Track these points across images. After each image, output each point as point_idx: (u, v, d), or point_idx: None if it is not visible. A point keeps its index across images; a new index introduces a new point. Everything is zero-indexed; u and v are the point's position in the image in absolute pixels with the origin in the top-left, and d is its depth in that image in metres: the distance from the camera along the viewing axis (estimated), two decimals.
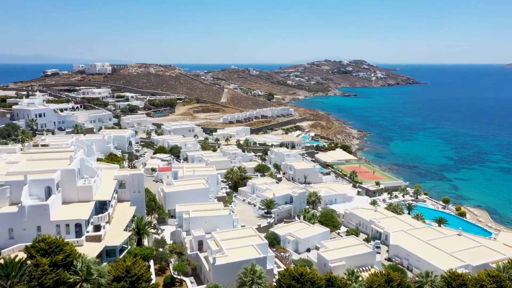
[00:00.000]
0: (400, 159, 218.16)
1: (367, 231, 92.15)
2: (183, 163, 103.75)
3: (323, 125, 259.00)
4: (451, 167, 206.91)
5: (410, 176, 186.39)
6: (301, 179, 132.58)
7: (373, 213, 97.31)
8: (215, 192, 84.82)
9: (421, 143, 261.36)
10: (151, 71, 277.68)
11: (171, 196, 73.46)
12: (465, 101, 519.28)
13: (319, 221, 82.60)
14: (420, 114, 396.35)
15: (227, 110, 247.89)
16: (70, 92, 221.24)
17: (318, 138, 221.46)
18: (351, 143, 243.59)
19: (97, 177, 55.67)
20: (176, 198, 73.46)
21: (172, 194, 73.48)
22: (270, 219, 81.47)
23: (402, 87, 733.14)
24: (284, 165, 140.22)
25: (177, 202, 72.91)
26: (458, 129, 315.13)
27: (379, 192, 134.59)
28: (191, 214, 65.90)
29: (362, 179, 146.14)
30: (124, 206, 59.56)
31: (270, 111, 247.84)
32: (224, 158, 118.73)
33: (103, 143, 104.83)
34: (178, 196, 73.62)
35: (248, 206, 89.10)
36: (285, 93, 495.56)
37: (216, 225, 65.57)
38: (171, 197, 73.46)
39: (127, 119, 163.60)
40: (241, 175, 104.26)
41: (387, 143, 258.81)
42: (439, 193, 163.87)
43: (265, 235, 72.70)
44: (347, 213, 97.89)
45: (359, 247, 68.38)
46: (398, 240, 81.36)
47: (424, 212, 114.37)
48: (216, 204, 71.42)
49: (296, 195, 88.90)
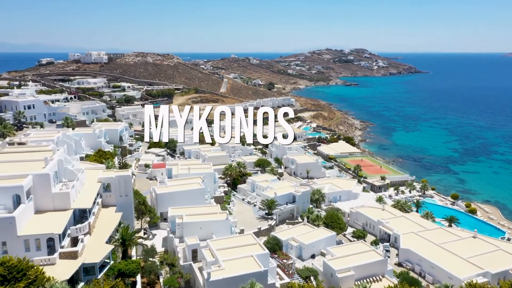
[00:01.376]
0: (404, 151, 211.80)
1: (375, 232, 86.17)
2: (178, 160, 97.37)
3: (325, 115, 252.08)
4: (457, 159, 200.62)
5: (415, 169, 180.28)
6: (303, 173, 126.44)
7: (380, 212, 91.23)
8: (212, 191, 78.58)
9: (425, 134, 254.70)
10: (149, 60, 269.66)
11: (163, 197, 67.19)
12: (468, 91, 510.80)
13: (323, 223, 76.51)
14: (423, 104, 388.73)
15: (227, 100, 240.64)
16: (65, 82, 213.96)
17: (320, 130, 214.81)
18: (353, 135, 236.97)
19: (77, 181, 49.22)
20: (169, 200, 67.19)
21: (164, 195, 67.19)
22: (271, 221, 75.34)
23: (404, 76, 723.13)
24: (285, 159, 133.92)
25: (170, 204, 66.64)
26: (462, 120, 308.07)
27: (385, 188, 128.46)
28: (184, 219, 59.67)
29: (367, 173, 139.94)
30: (109, 212, 53.27)
31: (270, 101, 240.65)
32: (223, 153, 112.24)
33: (93, 138, 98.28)
34: (171, 198, 67.36)
35: (248, 206, 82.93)
36: (286, 83, 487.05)
37: (212, 231, 59.42)
38: (163, 198, 67.20)
39: (122, 111, 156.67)
40: (240, 171, 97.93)
41: (391, 134, 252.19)
42: (445, 187, 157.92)
43: (266, 240, 66.66)
44: (353, 213, 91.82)
45: (368, 254, 62.28)
46: (409, 243, 75.32)
47: (433, 209, 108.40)
48: (212, 207, 65.16)
49: (299, 194, 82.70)
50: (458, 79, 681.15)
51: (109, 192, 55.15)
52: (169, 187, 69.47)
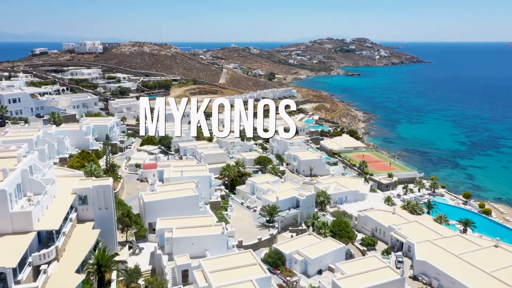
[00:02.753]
0: (409, 144, 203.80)
1: (385, 239, 78.72)
2: (171, 161, 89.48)
3: (328, 107, 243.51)
4: (464, 153, 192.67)
5: (421, 164, 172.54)
6: (306, 171, 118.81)
7: (391, 217, 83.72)
8: (208, 196, 70.92)
9: (430, 127, 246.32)
10: (145, 50, 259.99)
11: (151, 206, 59.52)
12: (472, 80, 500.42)
13: (330, 231, 68.99)
14: (427, 95, 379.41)
15: (226, 91, 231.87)
16: (58, 73, 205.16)
17: (322, 122, 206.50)
18: (357, 127, 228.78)
19: (44, 195, 41.49)
20: (158, 209, 59.58)
21: (153, 204, 59.48)
22: (272, 230, 67.81)
23: (406, 66, 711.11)
24: (287, 155, 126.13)
25: (159, 214, 59.09)
26: (467, 111, 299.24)
27: (393, 186, 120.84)
28: (174, 233, 52.07)
29: (373, 170, 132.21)
30: (85, 229, 45.65)
31: (271, 92, 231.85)
32: (220, 150, 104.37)
33: (80, 135, 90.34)
34: (161, 207, 59.72)
35: (247, 211, 75.34)
36: (287, 73, 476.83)
37: (206, 247, 51.92)
38: (151, 207, 59.55)
39: (115, 104, 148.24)
40: (239, 171, 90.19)
41: (395, 127, 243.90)
42: (454, 183, 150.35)
43: (268, 254, 59.25)
44: (361, 217, 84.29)
45: (383, 272, 54.80)
46: (425, 253, 67.86)
47: (444, 209, 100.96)
48: (206, 218, 57.56)
49: (303, 199, 75.04)
50: (461, 69, 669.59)
51: (85, 205, 47.46)
52: (158, 194, 61.73)
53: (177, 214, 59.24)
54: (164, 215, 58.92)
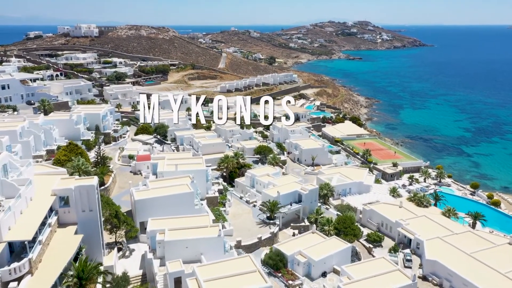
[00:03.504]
0: (413, 130, 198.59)
1: (392, 234, 74.42)
2: (165, 153, 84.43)
3: (329, 92, 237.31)
4: (469, 140, 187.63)
5: (426, 151, 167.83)
6: (308, 160, 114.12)
7: (398, 211, 79.26)
8: (204, 191, 66.23)
9: (434, 112, 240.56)
10: (142, 33, 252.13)
11: (143, 205, 54.85)
12: (474, 64, 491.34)
13: (335, 229, 64.58)
14: (430, 79, 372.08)
15: (225, 77, 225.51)
16: (52, 58, 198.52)
17: (324, 108, 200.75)
18: (359, 113, 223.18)
19: (17, 199, 36.77)
20: (150, 208, 54.96)
21: (144, 202, 54.79)
22: (273, 227, 63.38)
23: (408, 49, 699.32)
24: (288, 144, 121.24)
25: (151, 212, 54.55)
26: (471, 96, 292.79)
27: (397, 175, 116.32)
28: (167, 236, 47.55)
29: (377, 159, 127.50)
30: (67, 235, 41.10)
31: (272, 77, 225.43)
32: (219, 140, 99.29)
33: (70, 125, 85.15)
34: (153, 205, 55.08)
35: (246, 206, 70.81)
36: (287, 57, 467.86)
37: (201, 251, 47.48)
38: (143, 206, 54.89)
39: (110, 90, 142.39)
40: (238, 163, 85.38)
41: (398, 112, 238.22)
42: (460, 172, 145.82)
43: (268, 255, 54.93)
44: (366, 210, 79.83)
45: (394, 276, 50.52)
46: (435, 252, 63.62)
47: (451, 201, 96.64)
48: (202, 218, 52.98)
49: (306, 193, 70.40)
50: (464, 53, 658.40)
51: (67, 207, 42.78)
52: (150, 190, 56.99)
53: (170, 213, 54.74)
54: (156, 214, 54.40)
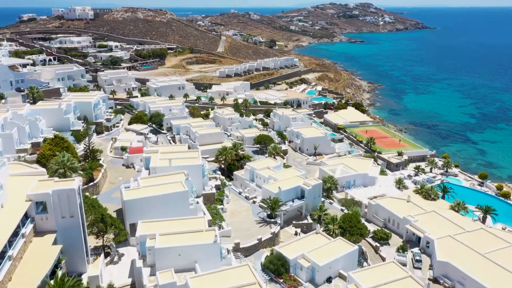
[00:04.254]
0: (416, 116, 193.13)
1: (400, 231, 70.19)
2: (158, 145, 79.23)
3: (331, 77, 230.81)
4: (474, 126, 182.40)
5: (430, 138, 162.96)
6: (310, 149, 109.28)
7: (405, 206, 74.81)
8: (200, 188, 61.60)
9: (438, 97, 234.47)
10: (139, 16, 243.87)
11: (133, 205, 50.26)
12: (478, 48, 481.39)
13: (340, 228, 60.22)
14: (433, 63, 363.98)
15: (224, 61, 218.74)
16: (46, 41, 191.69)
17: (325, 93, 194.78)
18: (361, 98, 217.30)
19: None
20: (140, 208, 50.40)
21: (135, 202, 50.18)
22: (274, 227, 58.99)
23: (411, 32, 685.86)
24: (289, 132, 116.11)
25: (141, 213, 50.06)
26: (475, 80, 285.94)
27: (403, 165, 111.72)
28: (157, 243, 43.12)
29: (381, 147, 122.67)
30: (43, 245, 36.60)
31: (272, 62, 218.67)
32: (217, 129, 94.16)
33: (59, 114, 79.90)
34: (144, 205, 50.48)
35: (245, 203, 66.31)
36: (288, 40, 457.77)
37: (196, 258, 43.15)
38: (133, 206, 50.30)
39: (104, 76, 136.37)
40: (237, 155, 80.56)
41: (401, 97, 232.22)
42: (465, 160, 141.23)
43: (269, 259, 50.63)
44: (372, 205, 75.43)
45: (405, 283, 46.31)
46: (447, 252, 59.41)
47: (459, 192, 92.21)
48: (196, 221, 48.41)
49: (309, 189, 65.80)
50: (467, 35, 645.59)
51: (45, 214, 38.16)
52: (141, 189, 52.28)
53: (163, 214, 50.28)
54: (147, 215, 49.93)
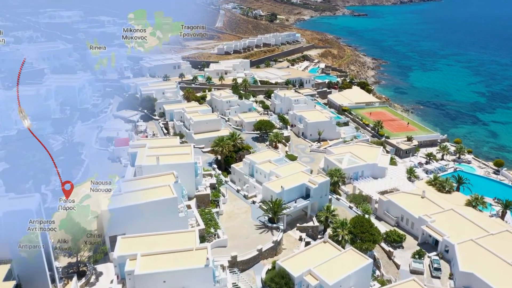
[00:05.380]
0: (423, 95, 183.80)
1: (414, 232, 63.33)
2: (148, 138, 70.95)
3: (334, 53, 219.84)
4: (484, 106, 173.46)
5: (438, 119, 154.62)
6: (314, 135, 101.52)
7: (420, 202, 67.73)
8: (193, 189, 54.10)
9: (445, 74, 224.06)
10: None
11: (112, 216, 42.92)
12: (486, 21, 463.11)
13: (350, 233, 53.18)
14: (439, 38, 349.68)
15: (223, 37, 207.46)
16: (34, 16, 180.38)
17: (329, 71, 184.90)
18: (366, 76, 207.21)
19: None
20: (121, 219, 43.03)
21: (114, 213, 42.87)
22: (277, 234, 51.92)
23: (415, 4, 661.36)
24: (292, 115, 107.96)
25: (123, 224, 42.90)
26: (484, 56, 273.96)
27: (413, 151, 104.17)
28: (138, 266, 35.99)
29: (389, 132, 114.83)
30: None
31: (273, 37, 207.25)
32: (213, 116, 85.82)
33: (37, 101, 71.79)
34: (125, 215, 43.05)
35: (244, 203, 58.99)
36: (289, 13, 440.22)
37: (184, 284, 36.15)
38: (113, 218, 42.96)
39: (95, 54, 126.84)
40: (235, 145, 72.77)
41: (407, 75, 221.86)
42: (476, 143, 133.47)
43: (270, 277, 43.73)
44: (383, 201, 68.34)
45: None
46: (470, 261, 52.58)
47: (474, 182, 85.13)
48: (186, 236, 41.11)
49: (315, 187, 58.32)
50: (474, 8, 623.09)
51: None
52: (123, 196, 44.76)
53: (148, 224, 43.13)
54: (130, 226, 42.82)
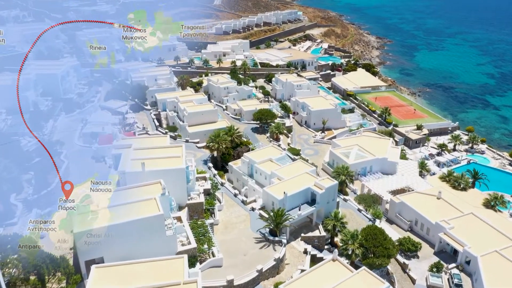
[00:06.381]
0: (430, 77, 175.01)
1: (430, 239, 57.09)
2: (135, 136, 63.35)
3: (338, 33, 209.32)
4: (494, 88, 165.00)
5: (447, 103, 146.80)
6: (318, 124, 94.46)
7: (436, 204, 61.25)
8: (184, 197, 47.34)
9: (452, 54, 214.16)
10: None
11: (87, 239, 36.38)
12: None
13: (360, 245, 46.83)
14: (445, 15, 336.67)
15: (222, 15, 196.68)
16: None
17: (332, 51, 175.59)
18: (371, 56, 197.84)
19: None
20: (98, 242, 36.50)
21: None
22: (279, 250, 45.54)
23: None
24: (294, 102, 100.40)
25: (100, 248, 36.41)
26: (492, 35, 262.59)
27: (423, 141, 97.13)
28: None
29: (397, 119, 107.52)
30: None
31: (274, 16, 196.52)
32: (209, 106, 78.12)
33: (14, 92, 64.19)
34: (102, 238, 36.58)
35: (243, 210, 52.39)
36: None
37: None
38: (87, 240, 36.41)
39: (83, 36, 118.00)
40: (233, 140, 65.67)
41: (412, 55, 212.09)
42: (487, 129, 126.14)
43: None
44: (395, 203, 61.85)
45: None
46: (496, 278, 46.55)
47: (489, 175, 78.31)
48: (173, 264, 34.71)
49: (322, 192, 51.59)
50: None
51: None
52: (100, 212, 38.09)
53: (130, 246, 36.73)
54: (108, 250, 36.49)
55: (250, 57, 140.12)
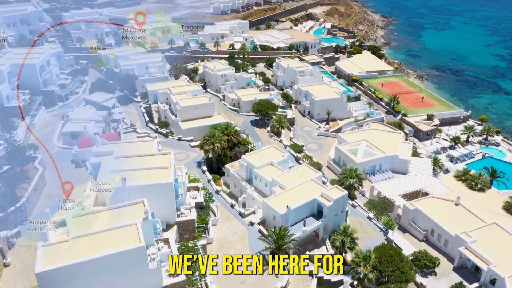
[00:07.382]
0: (438, 59, 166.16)
1: (449, 252, 51.09)
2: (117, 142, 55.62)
3: (341, 11, 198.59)
4: (506, 71, 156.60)
5: (456, 87, 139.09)
6: (322, 114, 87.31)
7: (454, 211, 54.91)
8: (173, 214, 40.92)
9: (460, 34, 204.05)
10: None
11: (53, 280, 30.06)
12: None
13: (374, 269, 40.83)
14: None
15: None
16: None
17: (335, 32, 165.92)
18: (375, 36, 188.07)
19: None
20: (67, 282, 30.27)
21: (55, 275, 29.91)
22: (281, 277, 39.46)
23: None
24: (296, 91, 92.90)
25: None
26: (500, 13, 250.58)
27: (434, 133, 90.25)
28: None
29: (406, 107, 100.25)
30: None
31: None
32: (204, 99, 70.49)
33: None
34: (72, 278, 30.28)
35: (240, 225, 46.12)
36: None
37: None
38: (54, 281, 30.13)
39: (70, 17, 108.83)
40: (230, 139, 58.81)
41: (419, 34, 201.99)
42: (499, 116, 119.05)
43: None
44: (409, 210, 55.59)
45: None
46: None
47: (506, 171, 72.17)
48: None
49: (330, 205, 45.20)
50: None
51: None
52: (68, 247, 31.62)
53: (106, 285, 30.45)
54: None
55: (250, 39, 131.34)
